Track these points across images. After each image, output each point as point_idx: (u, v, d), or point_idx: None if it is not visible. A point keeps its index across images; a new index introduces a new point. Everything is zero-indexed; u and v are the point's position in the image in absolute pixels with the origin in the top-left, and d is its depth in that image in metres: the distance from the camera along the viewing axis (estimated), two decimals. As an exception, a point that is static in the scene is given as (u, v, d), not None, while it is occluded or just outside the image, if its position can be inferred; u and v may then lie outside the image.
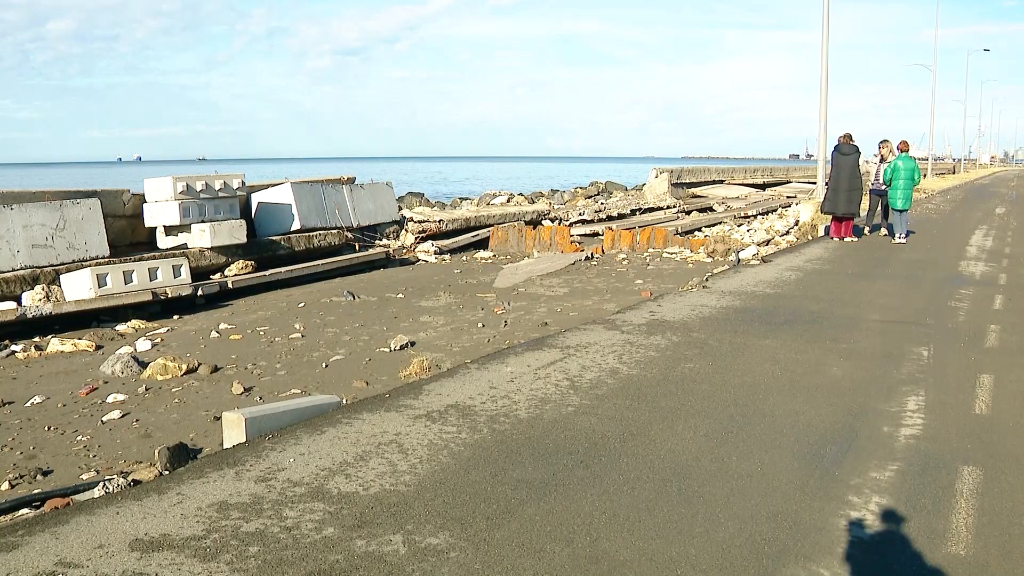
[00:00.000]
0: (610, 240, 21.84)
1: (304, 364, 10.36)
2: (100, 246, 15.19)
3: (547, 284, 16.06)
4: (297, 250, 18.71)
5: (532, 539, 4.82)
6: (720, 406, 7.33)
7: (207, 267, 16.48)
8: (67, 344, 11.86)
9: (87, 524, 5.00)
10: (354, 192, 21.72)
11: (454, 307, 13.85)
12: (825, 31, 26.13)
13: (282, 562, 4.53)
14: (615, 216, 29.00)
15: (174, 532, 4.89)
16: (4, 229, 13.86)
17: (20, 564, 4.51)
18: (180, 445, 6.50)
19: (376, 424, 6.77)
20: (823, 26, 26.15)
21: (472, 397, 7.50)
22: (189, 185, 16.60)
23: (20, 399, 9.25)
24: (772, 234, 23.85)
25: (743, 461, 6.04)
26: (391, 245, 21.11)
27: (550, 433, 6.61)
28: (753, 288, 13.50)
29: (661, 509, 5.23)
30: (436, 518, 5.07)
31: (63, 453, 7.56)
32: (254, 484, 5.59)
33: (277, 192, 19.62)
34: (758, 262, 16.88)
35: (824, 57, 26.21)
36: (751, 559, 4.60)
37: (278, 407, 7.18)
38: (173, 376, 9.90)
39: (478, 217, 25.17)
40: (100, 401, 9.11)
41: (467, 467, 5.90)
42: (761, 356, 9.11)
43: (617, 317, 11.19)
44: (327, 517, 5.09)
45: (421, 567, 4.48)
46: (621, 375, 8.30)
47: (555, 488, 5.55)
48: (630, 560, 4.59)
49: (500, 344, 10.63)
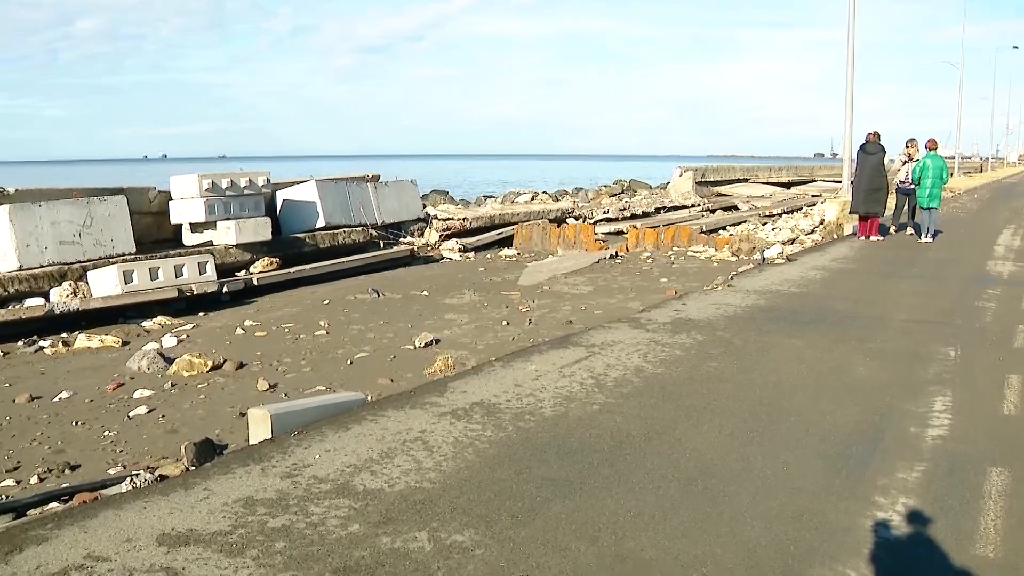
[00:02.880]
0: (634, 238, 21.79)
1: (329, 361, 10.40)
2: (127, 243, 15.27)
3: (572, 282, 16.06)
4: (322, 247, 18.75)
5: (557, 537, 4.81)
6: (745, 405, 7.30)
7: (232, 264, 16.55)
8: (94, 340, 11.94)
9: (115, 518, 5.03)
10: (379, 190, 21.76)
11: (479, 305, 13.87)
12: (851, 28, 25.98)
13: (308, 558, 4.54)
14: (639, 214, 28.93)
15: (200, 527, 4.90)
16: (32, 226, 13.95)
17: (50, 557, 4.54)
18: (206, 441, 6.53)
19: (401, 421, 6.78)
20: (849, 24, 26.00)
21: (497, 395, 7.50)
22: (215, 182, 16.67)
23: (48, 394, 9.32)
24: (797, 233, 23.75)
25: (768, 460, 6.01)
26: (415, 243, 21.15)
27: (575, 431, 6.60)
28: (778, 287, 13.45)
29: (686, 508, 5.21)
30: (461, 515, 5.07)
31: (90, 448, 7.63)
32: (280, 480, 5.60)
33: (302, 190, 19.68)
34: (783, 261, 16.81)
35: (850, 55, 26.06)
36: (777, 559, 4.58)
37: (304, 403, 7.20)
38: (199, 372, 9.95)
39: (502, 215, 25.18)
40: (127, 397, 9.17)
41: (492, 465, 5.90)
42: (787, 355, 9.07)
43: (642, 315, 11.17)
44: (352, 514, 5.09)
45: (446, 564, 4.48)
46: (646, 374, 8.28)
47: (580, 486, 5.54)
48: (655, 559, 4.57)
49: (525, 342, 10.63)
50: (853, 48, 26.16)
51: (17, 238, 13.73)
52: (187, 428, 8.00)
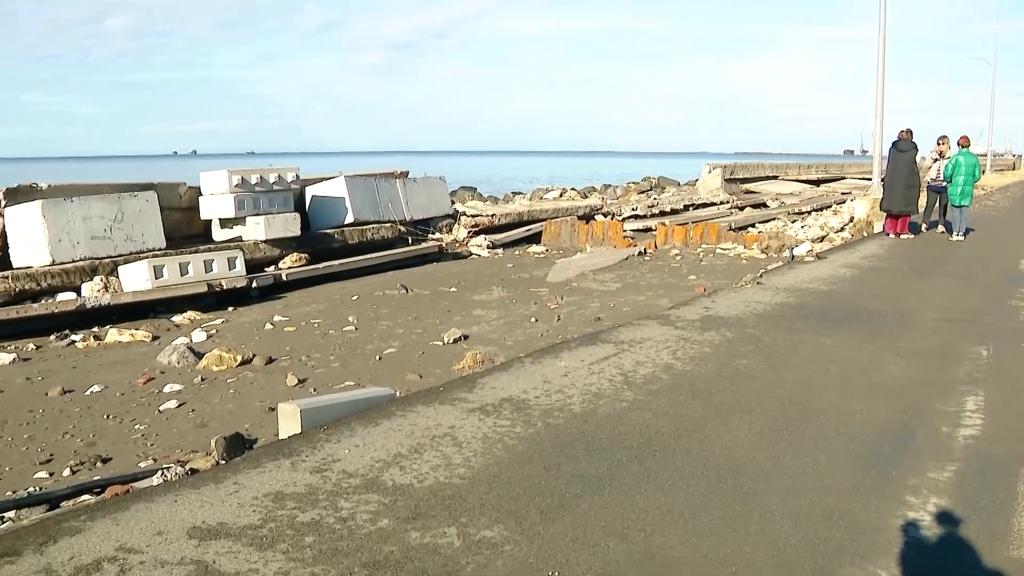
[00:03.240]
0: (663, 235, 21.73)
1: (357, 356, 10.42)
2: (157, 238, 15.35)
3: (600, 279, 16.03)
4: (350, 243, 18.80)
5: (586, 533, 4.81)
6: (775, 403, 7.27)
7: (261, 259, 16.61)
8: (125, 334, 12.01)
9: (146, 511, 5.07)
10: (407, 186, 21.79)
11: (507, 301, 13.87)
12: (882, 25, 25.81)
13: (337, 552, 4.56)
14: (668, 211, 28.88)
15: (231, 521, 4.93)
16: (64, 221, 14.05)
17: (83, 548, 4.58)
18: (236, 435, 6.56)
19: (430, 417, 6.79)
20: (880, 20, 25.83)
21: (526, 391, 7.50)
22: (244, 178, 16.75)
23: (80, 387, 9.38)
24: (826, 230, 23.61)
25: (798, 459, 5.99)
26: (444, 239, 21.17)
27: (604, 428, 6.60)
28: (808, 285, 13.39)
29: (715, 506, 5.20)
30: (490, 511, 5.08)
31: (121, 441, 7.67)
32: (309, 475, 5.63)
33: (331, 186, 19.73)
34: (812, 259, 16.75)
35: (881, 51, 25.89)
36: (806, 558, 4.56)
37: (333, 399, 7.23)
38: (228, 367, 9.99)
39: (531, 212, 25.17)
40: (157, 391, 9.22)
41: (521, 461, 5.90)
42: (816, 353, 9.03)
43: (671, 313, 11.14)
44: (382, 509, 5.11)
45: (475, 560, 4.49)
46: (675, 371, 8.26)
47: (609, 483, 5.54)
48: (684, 556, 4.57)
49: (553, 338, 10.62)
50: (884, 44, 25.99)
51: (49, 233, 13.83)
52: (217, 422, 8.03)
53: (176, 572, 4.34)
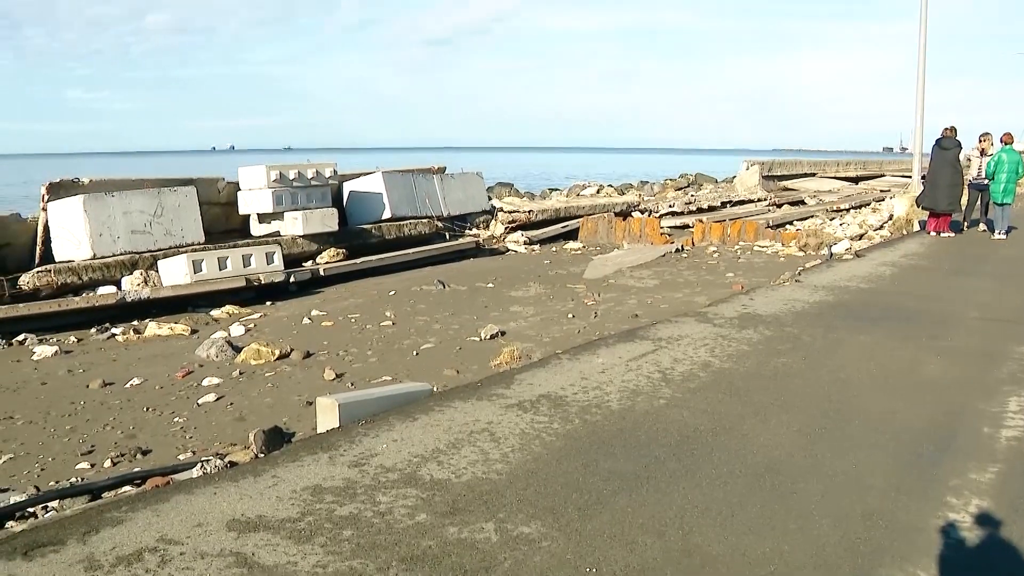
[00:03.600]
0: (700, 232, 21.64)
1: (395, 351, 10.45)
2: (196, 232, 15.46)
3: (637, 276, 15.99)
4: (388, 238, 18.83)
5: (624, 531, 4.80)
6: (813, 402, 7.22)
7: (299, 254, 16.68)
8: (164, 328, 12.12)
9: (186, 503, 5.11)
10: (444, 181, 21.81)
11: (544, 297, 13.87)
12: (923, 21, 25.56)
13: (375, 546, 4.57)
14: (705, 208, 28.71)
15: (270, 514, 4.96)
16: (105, 216, 14.17)
17: (124, 538, 4.62)
18: (275, 428, 6.61)
19: (468, 412, 6.80)
20: (921, 15, 25.58)
21: (564, 387, 7.49)
22: (282, 173, 16.82)
23: (120, 380, 9.48)
24: (865, 228, 23.43)
25: (837, 458, 5.95)
26: (481, 235, 21.17)
27: (642, 425, 6.58)
28: (847, 283, 13.29)
29: (754, 504, 5.17)
30: (528, 507, 5.08)
31: (161, 433, 7.74)
32: (348, 469, 5.65)
33: (369, 181, 19.79)
34: (851, 257, 16.62)
35: (921, 47, 25.64)
36: (846, 558, 4.53)
37: (371, 393, 7.26)
38: (266, 361, 10.05)
39: (567, 208, 25.12)
40: (196, 384, 9.29)
41: (559, 457, 5.90)
42: (855, 352, 8.96)
43: (708, 310, 11.09)
44: (420, 503, 5.12)
45: (513, 555, 4.49)
46: (713, 368, 8.23)
47: (647, 480, 5.52)
48: (723, 555, 4.55)
49: (590, 335, 10.61)
50: (925, 40, 25.74)
51: (91, 227, 13.96)
52: (255, 416, 8.08)
53: (216, 564, 4.37)
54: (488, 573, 4.33)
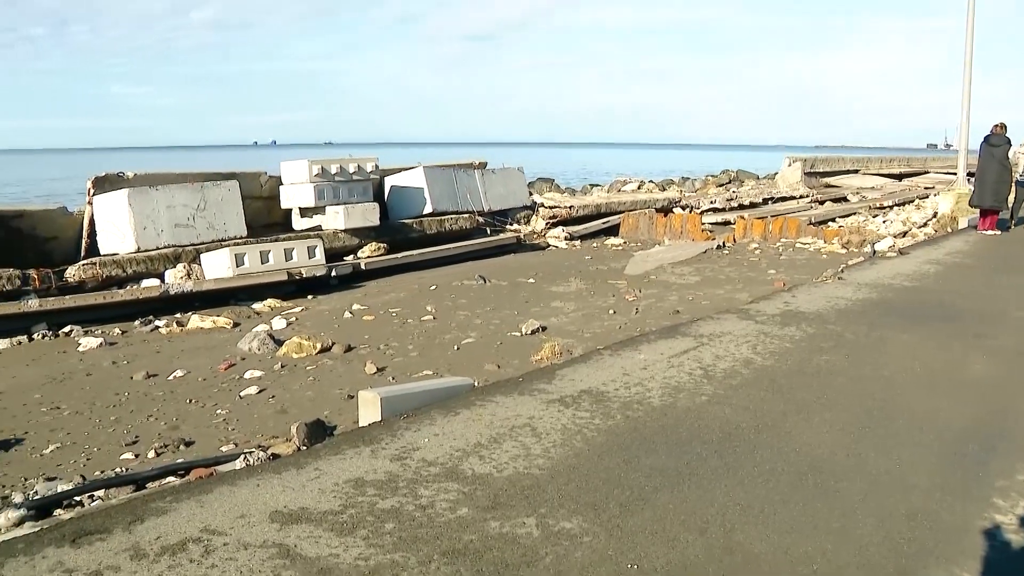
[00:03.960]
0: (742, 229, 21.54)
1: (436, 346, 10.47)
2: (238, 226, 15.56)
3: (678, 272, 15.94)
4: (429, 233, 18.88)
5: (666, 527, 4.78)
6: (856, 400, 7.16)
7: (340, 249, 16.75)
8: (206, 321, 12.20)
9: (229, 494, 5.14)
10: (485, 177, 21.83)
11: (585, 293, 13.85)
12: (971, 14, 25.26)
13: (417, 540, 4.58)
14: (747, 205, 28.54)
15: (312, 506, 4.99)
16: (149, 209, 14.30)
17: (169, 528, 4.66)
18: (317, 421, 6.63)
19: (509, 407, 6.80)
20: (968, 8, 25.28)
21: (605, 383, 7.48)
22: (324, 168, 16.89)
23: (163, 372, 9.56)
24: (909, 226, 23.22)
25: (881, 457, 5.90)
26: (521, 230, 21.17)
27: (683, 421, 6.55)
28: (890, 281, 13.17)
29: (796, 503, 5.14)
30: (569, 502, 5.07)
31: (204, 425, 7.80)
32: (389, 462, 5.67)
33: (410, 176, 19.84)
34: (895, 254, 16.48)
35: (969, 41, 25.34)
36: (890, 558, 4.49)
37: (413, 387, 7.27)
38: (308, 354, 10.10)
39: (608, 203, 25.05)
40: (238, 377, 9.35)
41: (600, 453, 5.89)
42: (899, 350, 8.88)
43: (750, 307, 11.04)
44: (461, 497, 5.13)
45: (554, 550, 4.49)
46: (755, 365, 8.18)
47: (689, 477, 5.50)
48: (764, 553, 4.52)
49: (632, 331, 10.58)
50: (972, 33, 25.43)
51: (135, 221, 14.08)
52: (296, 409, 8.12)
53: (258, 555, 4.40)
54: (530, 568, 4.33)
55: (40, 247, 14.31)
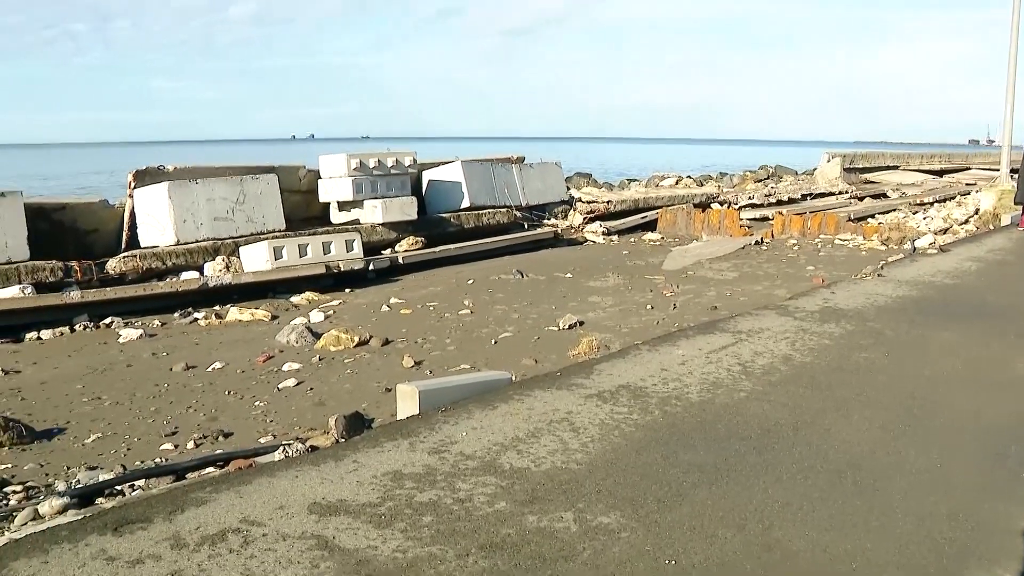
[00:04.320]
0: (780, 225, 21.41)
1: (473, 340, 10.48)
2: (277, 220, 15.63)
3: (716, 268, 15.88)
4: (466, 227, 18.88)
5: (704, 523, 4.77)
6: (897, 398, 7.10)
7: (378, 242, 16.80)
8: (245, 313, 12.28)
9: (268, 485, 5.17)
10: (523, 171, 21.81)
11: (622, 288, 13.82)
12: (1016, 7, 24.95)
13: (455, 533, 4.59)
14: (785, 200, 28.39)
15: (350, 498, 5.00)
16: (189, 202, 14.40)
17: (209, 518, 4.70)
18: (356, 414, 6.66)
19: (547, 402, 6.79)
20: (1014, 1, 24.97)
21: (643, 378, 7.45)
22: (362, 162, 16.94)
23: (202, 364, 9.63)
24: (950, 222, 23.02)
25: (921, 456, 5.84)
26: (559, 225, 21.14)
27: (722, 418, 6.53)
28: (931, 278, 13.05)
29: (835, 501, 5.10)
30: (607, 497, 5.07)
31: (242, 417, 7.85)
32: (427, 455, 5.68)
33: (448, 170, 19.86)
34: (935, 251, 16.32)
35: (1014, 35, 25.04)
36: (930, 558, 4.45)
37: (451, 381, 7.29)
38: (345, 347, 10.14)
39: (646, 199, 24.99)
40: (276, 369, 9.41)
41: (638, 448, 5.87)
42: (940, 349, 8.79)
43: (789, 303, 10.97)
44: (499, 491, 5.13)
45: (592, 545, 4.48)
46: (794, 362, 8.14)
47: (727, 473, 5.48)
48: (803, 550, 4.50)
49: (669, 327, 10.56)
50: (1018, 27, 25.12)
51: (175, 214, 14.19)
52: (334, 401, 8.17)
53: (297, 546, 4.42)
54: (567, 562, 4.33)
55: (82, 239, 14.47)
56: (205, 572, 4.16)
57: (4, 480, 6.35)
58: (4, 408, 8.17)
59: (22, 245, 12.74)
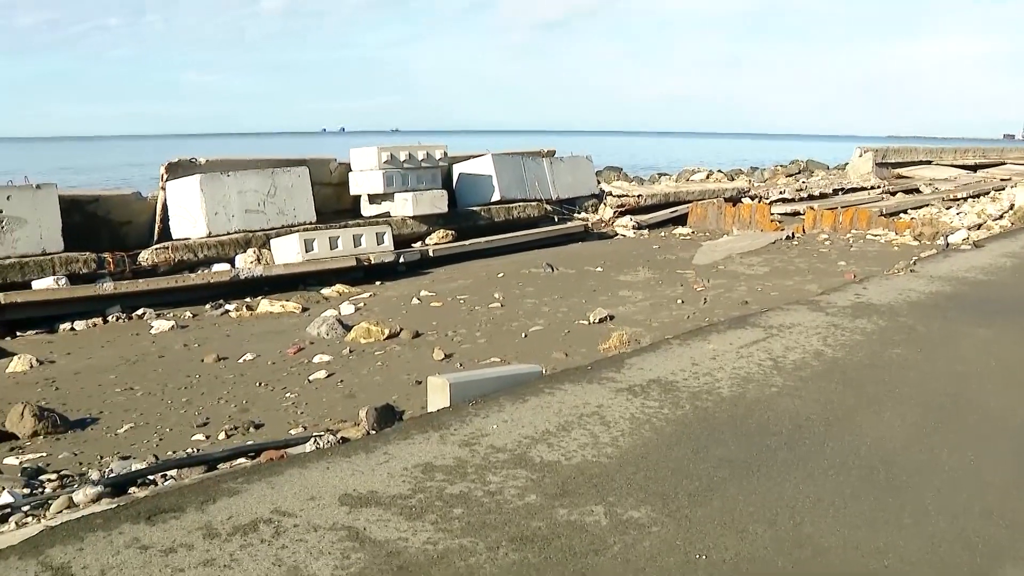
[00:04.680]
0: (811, 220, 21.29)
1: (503, 333, 10.49)
2: (308, 212, 15.68)
3: (747, 262, 15.80)
4: (496, 221, 18.89)
5: (734, 518, 4.76)
6: (929, 395, 7.05)
7: (408, 235, 16.83)
8: (276, 305, 12.34)
9: (299, 476, 5.20)
10: (553, 165, 21.77)
11: (653, 282, 13.78)
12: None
13: (485, 525, 4.60)
14: (816, 195, 28.20)
15: (381, 490, 5.02)
16: (221, 195, 14.47)
17: (240, 508, 4.73)
18: (387, 406, 6.69)
19: (578, 395, 6.79)
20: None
21: (674, 373, 7.43)
22: (393, 155, 16.97)
23: (233, 355, 9.68)
24: (984, 218, 22.79)
25: (954, 453, 5.80)
26: (589, 218, 21.11)
27: (753, 413, 6.50)
28: (964, 274, 12.94)
29: (867, 497, 5.08)
30: (638, 491, 5.06)
31: (273, 408, 7.90)
32: (458, 448, 5.69)
33: (478, 163, 19.84)
34: (969, 247, 16.18)
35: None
36: (963, 556, 4.42)
37: (481, 374, 7.30)
38: (376, 340, 10.16)
39: (677, 193, 24.89)
40: (307, 361, 9.45)
41: (669, 442, 5.86)
42: (974, 345, 8.72)
43: (821, 298, 10.90)
44: (529, 484, 5.14)
45: (622, 539, 4.48)
46: (826, 357, 8.09)
47: (758, 469, 5.46)
48: (834, 546, 4.48)
49: (700, 321, 10.52)
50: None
51: (207, 206, 14.26)
52: (364, 393, 8.19)
53: (328, 537, 4.44)
54: (597, 556, 4.33)
55: (115, 231, 14.57)
56: (237, 562, 4.19)
57: (40, 468, 6.42)
58: (39, 398, 8.26)
59: (56, 237, 12.86)
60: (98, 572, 4.08)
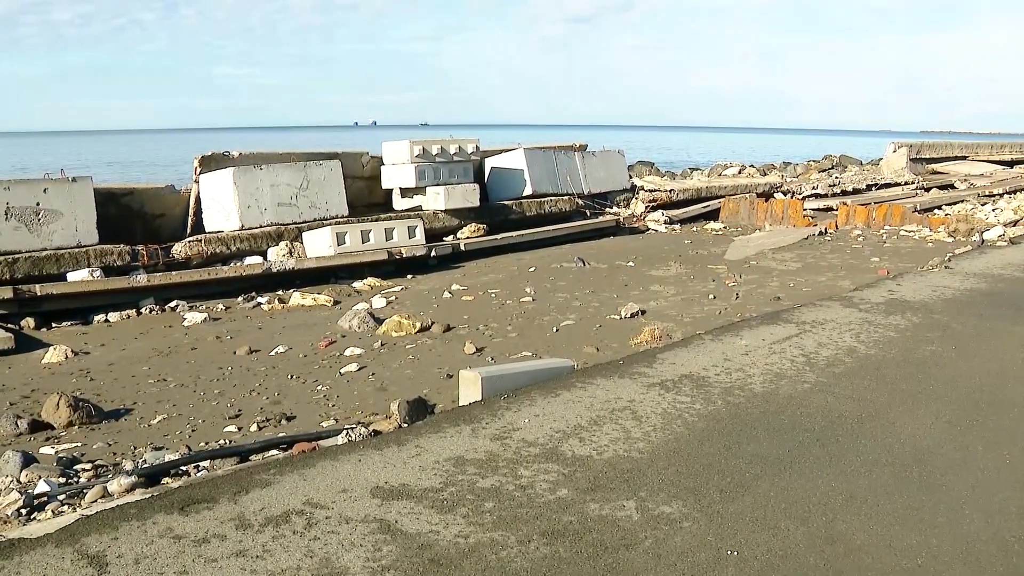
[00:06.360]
0: (844, 215, 21.15)
1: (534, 327, 10.47)
2: (340, 206, 15.72)
3: (779, 258, 15.72)
4: (528, 215, 18.85)
5: (766, 515, 4.74)
6: (964, 393, 7.00)
7: (440, 229, 16.84)
8: (307, 298, 12.37)
9: (331, 469, 5.22)
10: (586, 159, 21.74)
11: (684, 277, 13.73)
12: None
13: (516, 519, 4.60)
14: (850, 191, 28.02)
15: (413, 483, 5.04)
16: (253, 188, 14.52)
17: (272, 500, 4.76)
18: (418, 399, 6.69)
19: (610, 390, 6.79)
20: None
21: (706, 368, 7.42)
22: (425, 149, 16.98)
23: (265, 348, 9.72)
24: (1020, 214, 22.57)
25: (989, 452, 5.75)
26: (621, 213, 21.06)
27: (785, 409, 6.48)
28: (1000, 271, 12.83)
29: (900, 495, 5.04)
30: (669, 487, 5.05)
31: (304, 401, 7.91)
32: (490, 441, 5.70)
33: (510, 157, 19.83)
34: (1005, 243, 16.05)
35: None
36: (998, 556, 4.39)
37: (513, 368, 7.29)
38: (407, 333, 10.17)
39: (708, 188, 24.79)
40: (338, 354, 9.47)
41: (701, 438, 5.85)
42: (1009, 343, 8.65)
43: (854, 295, 10.84)
44: (561, 478, 5.14)
45: (654, 534, 4.47)
46: (859, 354, 8.04)
47: (790, 465, 5.44)
48: (867, 544, 4.45)
49: (732, 316, 10.47)
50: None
51: (240, 199, 14.32)
52: (396, 387, 8.20)
53: (360, 529, 4.46)
54: (629, 551, 4.32)
55: (148, 224, 14.67)
56: (269, 552, 4.22)
57: (75, 458, 6.47)
58: (74, 388, 8.33)
59: (91, 229, 12.95)
60: (132, 561, 4.11)
